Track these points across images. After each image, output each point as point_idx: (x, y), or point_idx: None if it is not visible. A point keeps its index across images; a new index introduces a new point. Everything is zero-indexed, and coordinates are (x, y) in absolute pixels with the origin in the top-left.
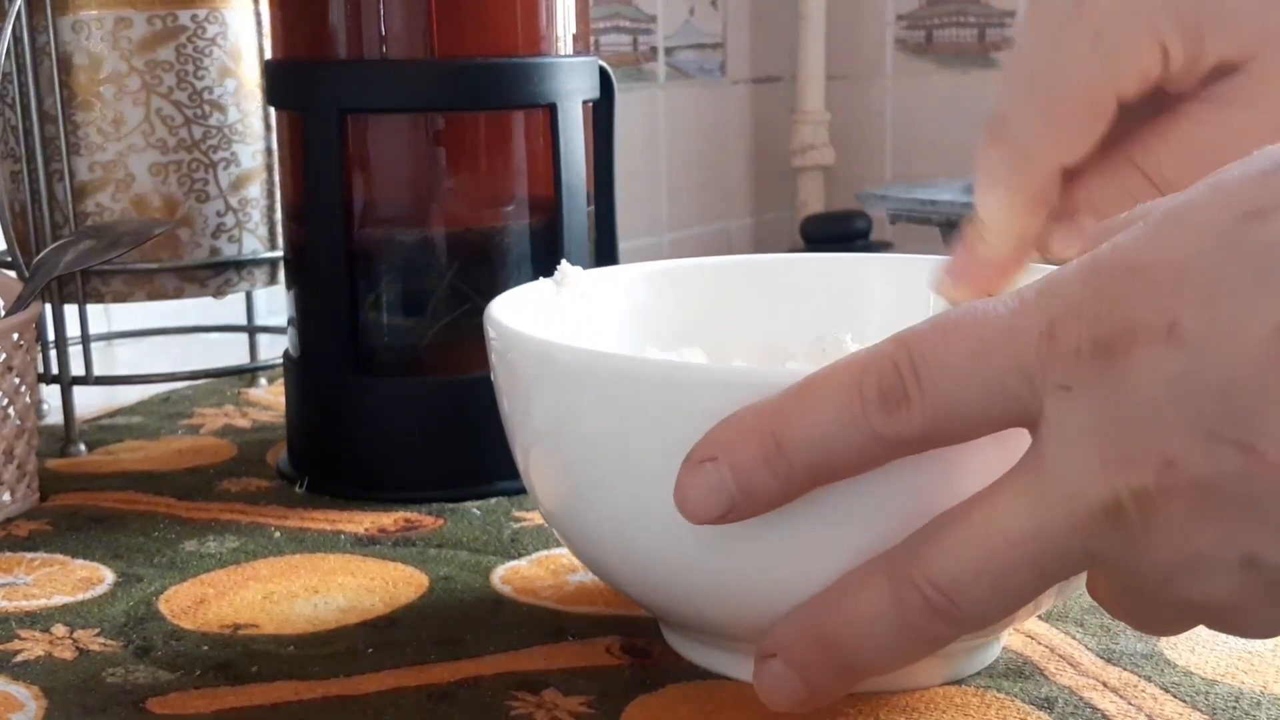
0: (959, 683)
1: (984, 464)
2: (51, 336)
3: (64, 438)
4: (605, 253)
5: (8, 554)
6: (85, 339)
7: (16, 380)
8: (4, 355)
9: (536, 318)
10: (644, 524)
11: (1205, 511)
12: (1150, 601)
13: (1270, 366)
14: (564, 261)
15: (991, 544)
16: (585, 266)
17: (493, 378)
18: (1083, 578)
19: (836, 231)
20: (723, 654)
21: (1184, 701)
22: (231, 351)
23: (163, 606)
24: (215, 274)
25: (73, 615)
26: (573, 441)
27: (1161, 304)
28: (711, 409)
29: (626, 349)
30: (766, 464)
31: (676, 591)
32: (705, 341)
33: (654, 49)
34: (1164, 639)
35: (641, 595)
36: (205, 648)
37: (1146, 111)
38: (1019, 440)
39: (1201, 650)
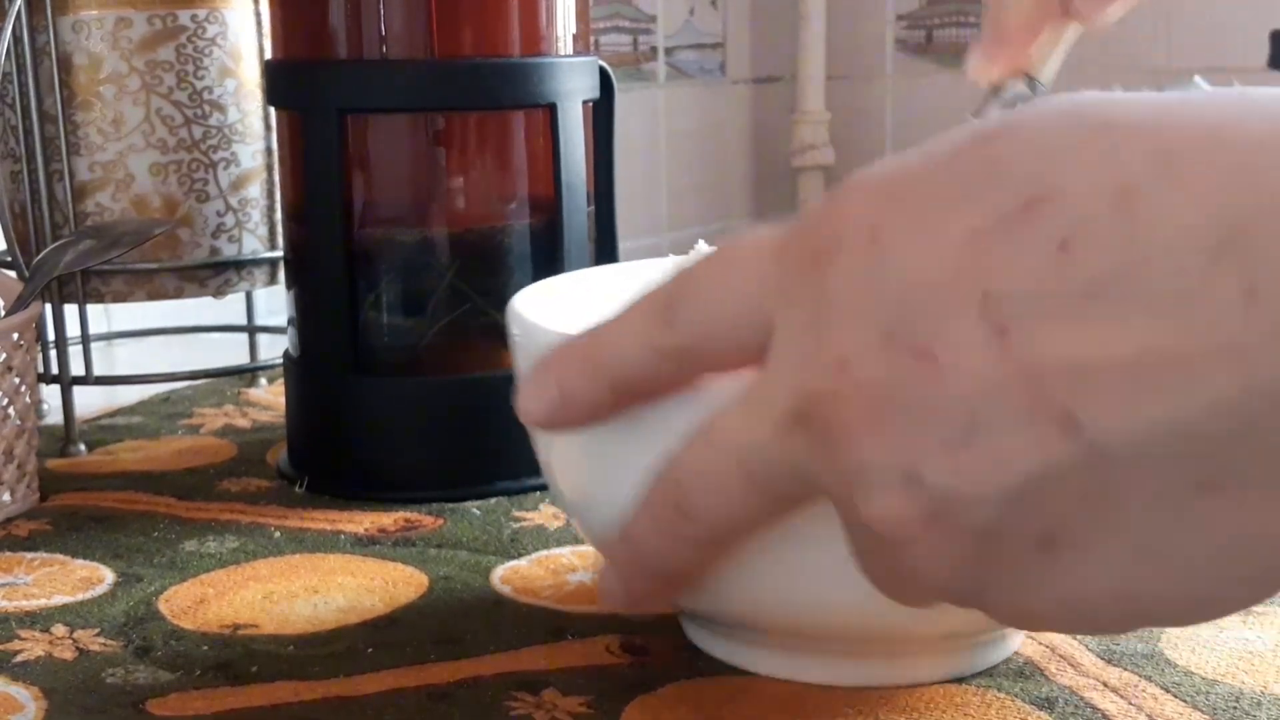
0: (959, 681)
1: None
2: (51, 336)
3: (64, 438)
4: (605, 253)
5: (8, 554)
6: (85, 339)
7: (16, 380)
8: (4, 355)
9: (558, 313)
10: None
11: (874, 418)
12: (850, 531)
13: (958, 270)
14: (700, 242)
15: (711, 447)
16: (585, 267)
17: (515, 372)
18: None
19: None
20: (743, 646)
21: (1184, 701)
22: (231, 351)
23: (163, 606)
24: (215, 274)
25: (73, 615)
26: (595, 431)
27: (871, 213)
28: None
29: None
30: (580, 371)
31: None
32: None
33: (654, 49)
34: (1164, 639)
35: None
36: (205, 648)
37: None
38: None
39: (1202, 650)
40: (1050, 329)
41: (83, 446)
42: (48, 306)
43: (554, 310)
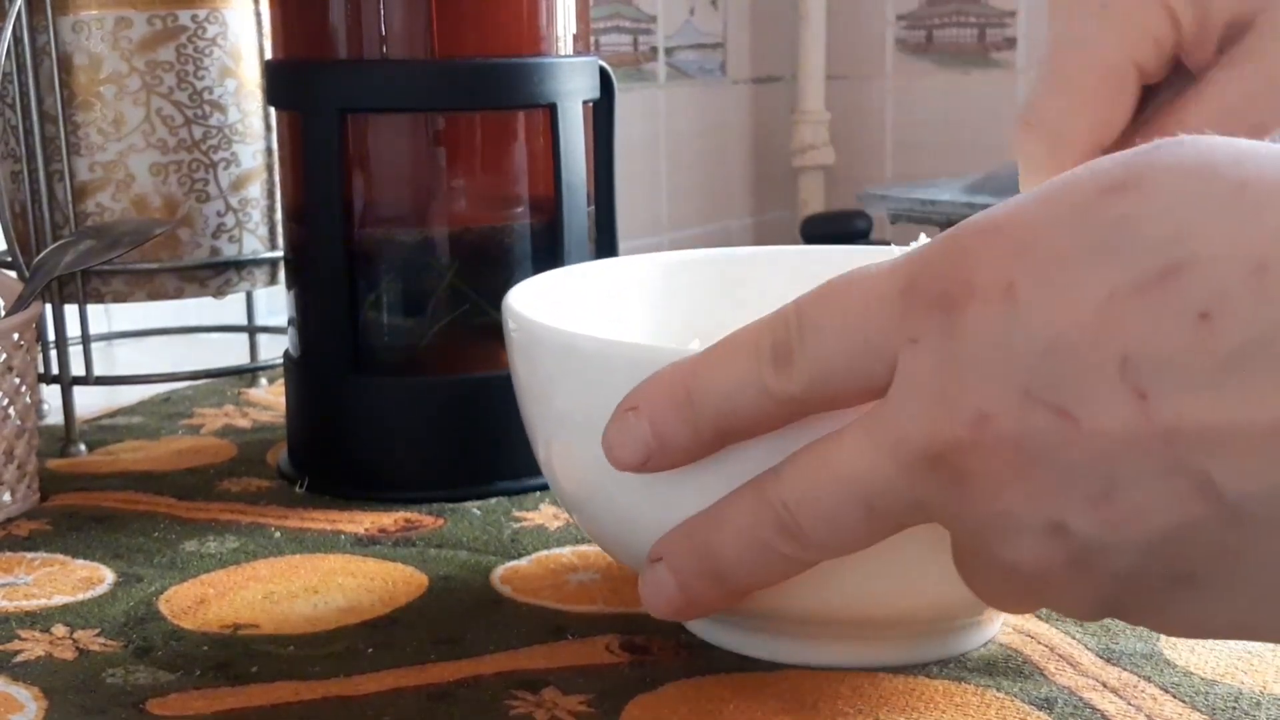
0: (959, 680)
1: None
2: (52, 336)
3: (64, 438)
4: (606, 253)
5: (8, 554)
6: (85, 339)
7: (17, 380)
8: (4, 355)
9: (552, 309)
10: (667, 505)
11: (1015, 471)
12: (977, 562)
13: (1097, 333)
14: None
15: (829, 475)
16: None
17: (511, 368)
18: None
19: (837, 231)
20: (747, 635)
21: (1184, 701)
22: (232, 351)
23: (163, 607)
24: (215, 274)
25: (73, 615)
26: (596, 428)
27: (1004, 264)
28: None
29: (640, 338)
30: (678, 415)
31: None
32: (715, 333)
33: (654, 49)
34: (1164, 639)
35: None
36: (205, 648)
37: (1175, 88)
38: None
39: (1201, 650)
40: (1189, 395)
41: (83, 446)
42: (48, 306)
43: (550, 305)
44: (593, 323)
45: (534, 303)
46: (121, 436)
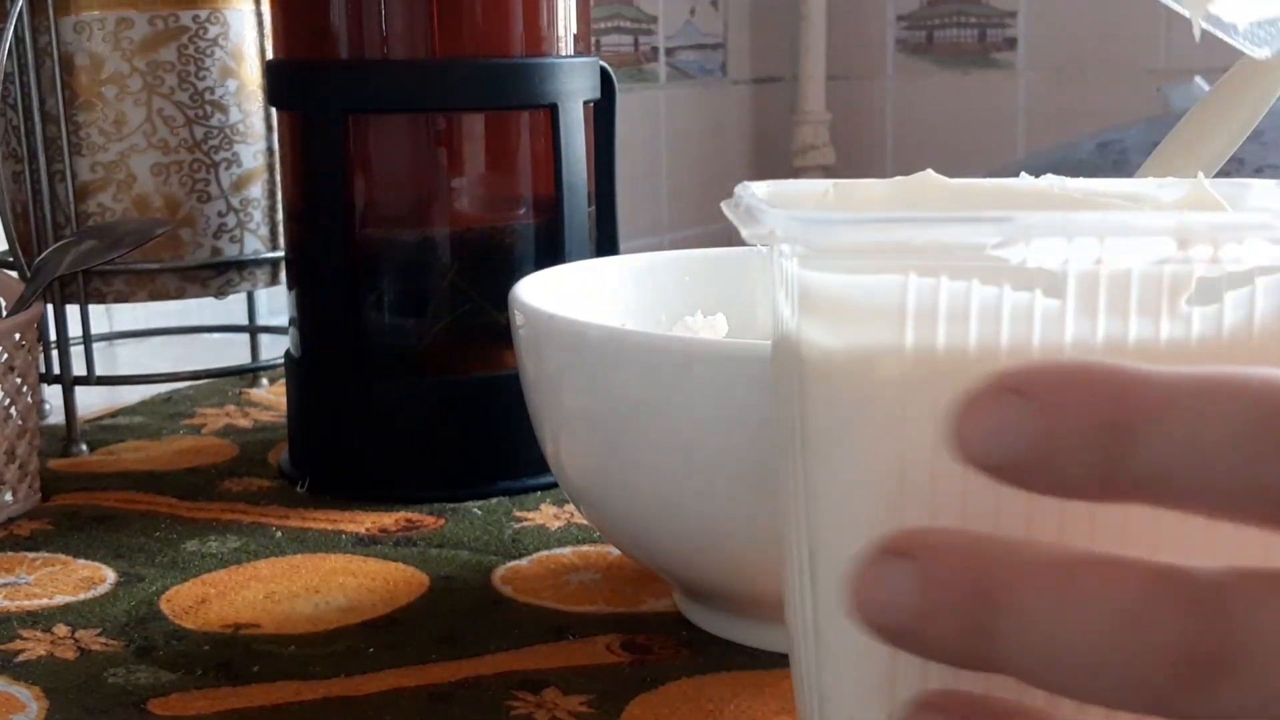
0: None
1: None
2: (53, 336)
3: (66, 438)
4: (606, 253)
5: (10, 553)
6: (87, 339)
7: (18, 380)
8: (6, 355)
9: (559, 303)
10: (675, 494)
11: None
12: None
13: None
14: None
15: None
16: None
17: (518, 361)
18: None
19: None
20: (751, 625)
21: None
22: (233, 351)
23: (164, 606)
24: (217, 274)
25: (74, 615)
26: (604, 418)
27: None
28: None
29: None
30: (1099, 438)
31: (709, 562)
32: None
33: (655, 49)
34: None
35: (671, 566)
36: (206, 648)
37: None
38: None
39: None
40: None
41: (84, 446)
42: (49, 307)
43: (556, 299)
44: (600, 316)
45: (541, 296)
46: (123, 436)
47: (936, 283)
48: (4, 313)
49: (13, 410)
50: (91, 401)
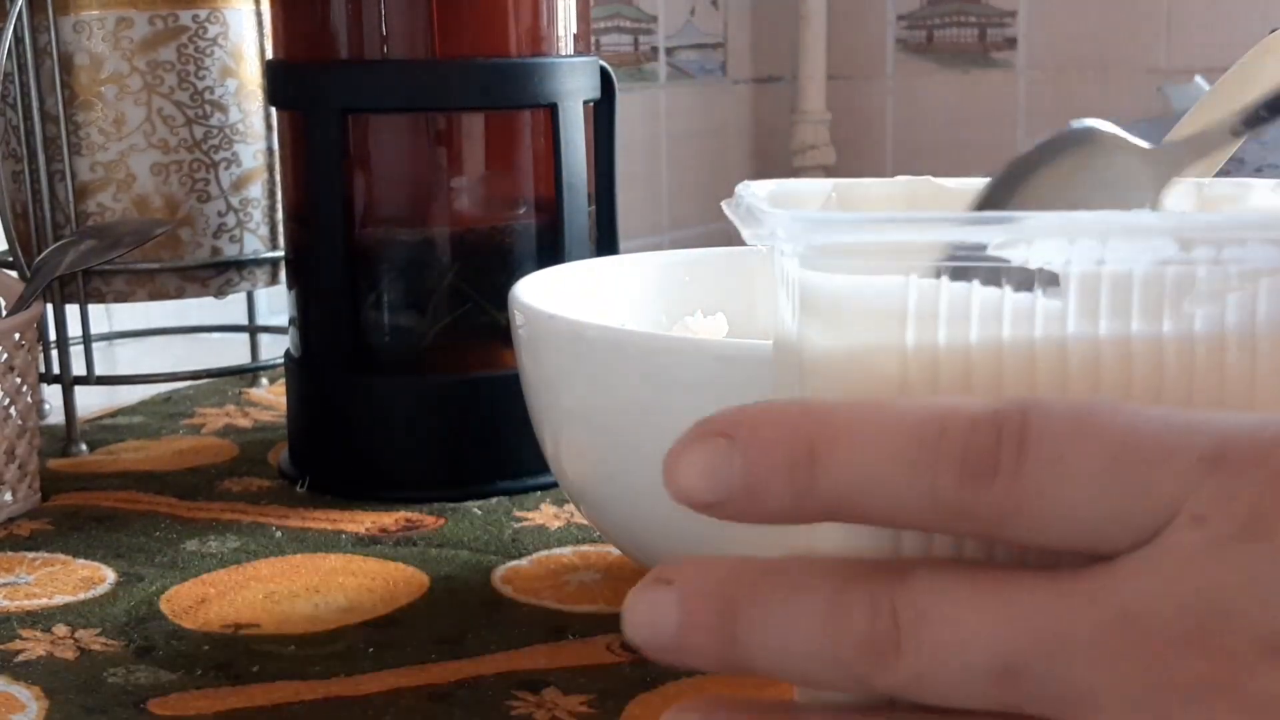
0: None
1: None
2: (53, 336)
3: (65, 437)
4: (606, 253)
5: (9, 553)
6: (87, 339)
7: (18, 380)
8: (5, 355)
9: (559, 303)
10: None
11: None
12: None
13: None
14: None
15: (999, 617)
16: None
17: (518, 360)
18: None
19: None
20: None
21: None
22: (233, 351)
23: (164, 606)
24: (216, 274)
25: (74, 615)
26: (604, 418)
27: None
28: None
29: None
30: (788, 474)
31: None
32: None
33: (655, 49)
34: None
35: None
36: (206, 647)
37: None
38: None
39: None
40: None
41: (84, 446)
42: (49, 306)
43: (556, 299)
44: (599, 316)
45: (540, 296)
46: (123, 436)
47: (937, 283)
48: (4, 312)
49: (12, 410)
50: (91, 401)
